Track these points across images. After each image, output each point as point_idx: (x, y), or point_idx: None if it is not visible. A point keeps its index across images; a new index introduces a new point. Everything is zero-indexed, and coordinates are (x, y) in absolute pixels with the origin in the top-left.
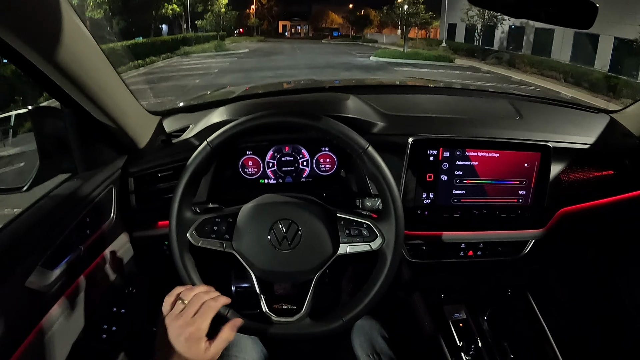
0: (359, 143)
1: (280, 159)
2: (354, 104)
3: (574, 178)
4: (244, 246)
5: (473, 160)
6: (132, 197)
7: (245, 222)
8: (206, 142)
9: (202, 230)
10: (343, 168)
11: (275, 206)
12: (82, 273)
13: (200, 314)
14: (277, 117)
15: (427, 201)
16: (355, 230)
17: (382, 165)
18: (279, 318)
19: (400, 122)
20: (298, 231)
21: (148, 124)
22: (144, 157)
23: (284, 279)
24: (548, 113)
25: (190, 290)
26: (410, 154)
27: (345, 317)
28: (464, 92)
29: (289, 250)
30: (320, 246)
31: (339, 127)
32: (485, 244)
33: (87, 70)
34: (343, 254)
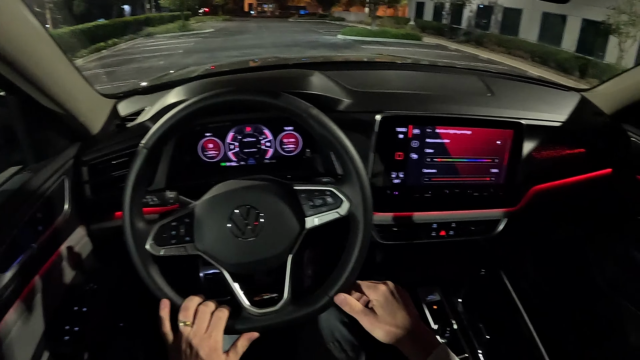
0: (300, 107)
1: (242, 140)
2: (319, 80)
3: (546, 156)
4: (207, 244)
5: (444, 137)
6: (87, 187)
7: (203, 219)
8: (141, 145)
9: (161, 238)
10: (308, 148)
11: (229, 195)
12: (37, 273)
13: (213, 326)
14: (213, 100)
15: (396, 181)
16: (319, 199)
17: (330, 124)
18: (262, 310)
19: (368, 98)
20: (259, 215)
21: (101, 109)
22: (98, 144)
23: (257, 268)
24: (519, 90)
25: (187, 310)
26: (378, 132)
27: (330, 292)
28: (433, 68)
29: (254, 237)
30: (285, 225)
31: (279, 96)
32: (457, 224)
33: (29, 53)
34: (312, 227)
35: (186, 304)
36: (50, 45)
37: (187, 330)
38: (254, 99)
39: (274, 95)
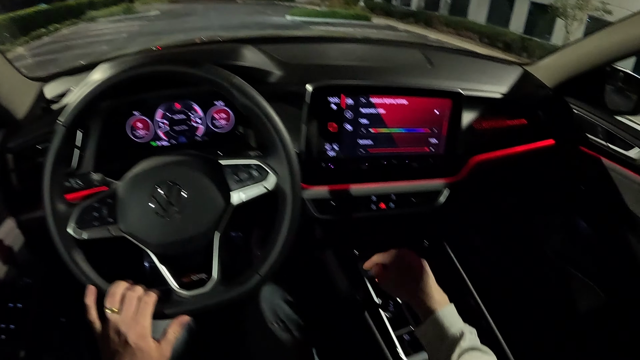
0: (221, 76)
1: (172, 118)
2: (250, 54)
3: (486, 126)
4: (131, 225)
5: (379, 107)
6: (13, 175)
7: (126, 198)
8: (59, 122)
9: (83, 220)
10: (241, 124)
11: (150, 172)
12: None
13: (140, 311)
14: (130, 72)
15: (331, 153)
16: (244, 173)
17: (253, 94)
18: (191, 292)
19: (300, 70)
20: (180, 191)
21: (26, 92)
22: (22, 129)
23: (184, 247)
24: (460, 63)
25: (113, 296)
26: (310, 103)
27: (260, 270)
28: (373, 41)
29: (178, 215)
30: (209, 201)
31: (200, 67)
32: (397, 196)
33: None
34: (239, 203)
35: (112, 290)
36: None
37: (114, 317)
38: (173, 69)
39: (194, 65)
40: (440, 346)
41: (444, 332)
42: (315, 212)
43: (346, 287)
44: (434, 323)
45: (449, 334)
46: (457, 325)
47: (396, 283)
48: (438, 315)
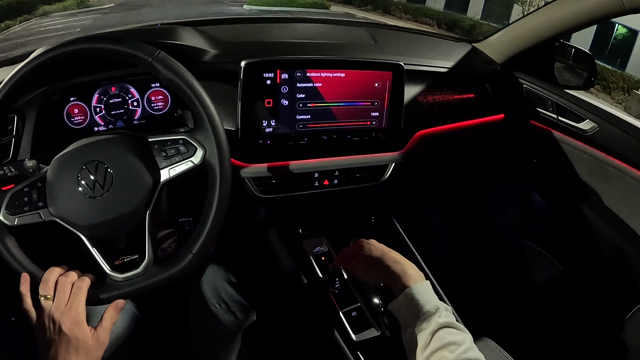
0: (145, 50)
1: (108, 102)
2: (186, 33)
3: (432, 100)
4: (60, 208)
5: (316, 81)
6: None
7: (54, 181)
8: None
9: (14, 206)
10: (178, 106)
11: (77, 152)
12: None
13: (73, 297)
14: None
15: (268, 130)
16: (172, 149)
17: (177, 67)
18: (124, 274)
19: (235, 48)
20: (107, 170)
21: None
22: None
23: (114, 228)
24: (406, 39)
25: (47, 282)
26: (243, 80)
27: (193, 249)
28: (318, 20)
29: (105, 194)
30: (137, 179)
31: (122, 42)
32: (341, 171)
33: None
34: (166, 179)
35: (46, 277)
36: None
37: (48, 305)
38: (94, 46)
39: (116, 41)
40: (414, 321)
41: (418, 308)
42: (256, 191)
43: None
44: (408, 298)
45: (424, 309)
46: (433, 301)
47: (368, 269)
48: (412, 291)
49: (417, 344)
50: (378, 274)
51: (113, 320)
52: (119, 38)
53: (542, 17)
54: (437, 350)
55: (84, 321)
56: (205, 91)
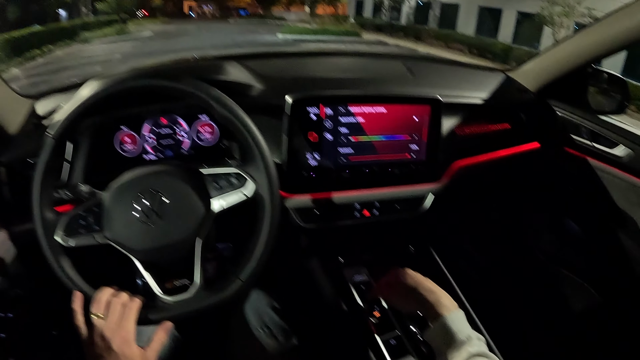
0: (201, 89)
1: (158, 132)
2: (232, 69)
3: (468, 132)
4: (116, 233)
5: (358, 116)
6: (5, 188)
7: (111, 207)
8: (47, 134)
9: (71, 228)
10: (225, 137)
11: (134, 181)
12: None
13: (124, 317)
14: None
15: (313, 162)
16: (224, 181)
17: (231, 105)
18: (174, 297)
19: (281, 83)
20: (162, 199)
21: (18, 109)
22: (14, 144)
23: (167, 253)
24: (441, 71)
25: (99, 301)
26: (290, 115)
27: (241, 275)
28: (356, 54)
29: (160, 222)
30: (190, 208)
31: (180, 80)
32: (381, 203)
33: None
34: (220, 210)
35: (98, 296)
36: None
37: (100, 323)
38: (155, 83)
39: (174, 79)
40: (447, 350)
41: (451, 337)
42: (299, 221)
43: (331, 293)
44: (442, 327)
45: (456, 338)
46: (465, 330)
47: (404, 297)
48: (446, 320)
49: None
50: (413, 303)
51: (162, 341)
52: (176, 76)
53: (574, 44)
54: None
55: (133, 340)
56: (256, 127)
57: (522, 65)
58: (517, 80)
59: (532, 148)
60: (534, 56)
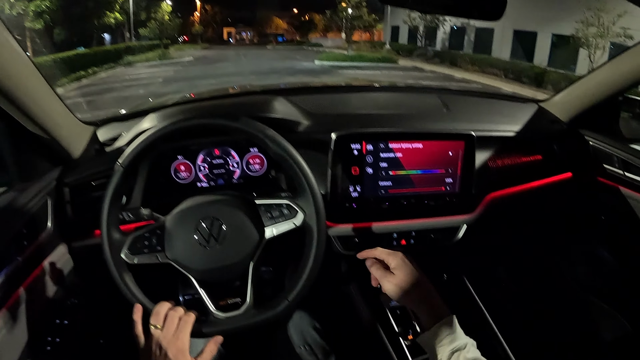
0: (257, 128)
1: (211, 162)
2: (280, 106)
3: (501, 164)
4: (176, 253)
5: (397, 152)
6: (68, 207)
7: (173, 230)
8: (117, 163)
9: (135, 247)
10: (273, 168)
11: (195, 208)
12: (21, 285)
13: (180, 329)
14: (180, 124)
15: (354, 194)
16: (276, 211)
17: (284, 143)
18: (226, 314)
19: (325, 120)
20: (221, 226)
21: (82, 134)
22: (78, 167)
23: (222, 274)
24: (475, 105)
25: (158, 314)
26: (334, 150)
27: (289, 297)
28: (394, 89)
29: (218, 246)
30: (246, 235)
31: (240, 120)
32: (417, 232)
33: (17, 81)
34: (271, 236)
35: (157, 309)
36: (35, 74)
37: (157, 333)
38: (216, 122)
39: (234, 119)
40: (443, 355)
41: (447, 341)
42: (341, 248)
43: (368, 316)
44: (438, 332)
45: (453, 343)
46: (461, 335)
47: (400, 288)
48: (443, 325)
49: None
50: (410, 300)
51: (213, 353)
52: (234, 115)
53: (604, 73)
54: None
55: (187, 351)
56: (306, 164)
57: (554, 95)
58: (549, 111)
59: (564, 178)
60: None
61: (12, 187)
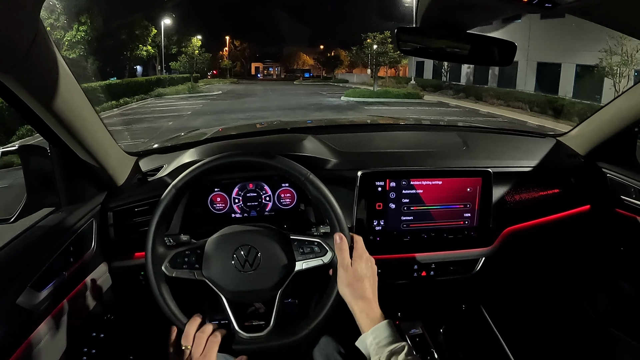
0: (300, 171)
1: (245, 195)
2: (310, 144)
3: (519, 199)
4: (212, 273)
5: (418, 188)
6: (111, 229)
7: (212, 252)
8: (171, 185)
9: (175, 262)
10: (302, 202)
11: (235, 235)
12: (65, 297)
13: (208, 349)
14: (226, 159)
15: (378, 228)
16: (308, 248)
17: (323, 188)
18: (250, 334)
19: (352, 158)
20: (257, 254)
21: (126, 164)
22: (122, 193)
23: (251, 297)
24: (494, 141)
25: (187, 335)
26: (360, 186)
27: (310, 326)
28: (416, 127)
29: (251, 271)
30: (278, 265)
31: (284, 161)
32: (437, 264)
33: (75, 115)
34: (300, 270)
35: (187, 330)
36: (89, 107)
37: (187, 353)
38: (256, 160)
39: (277, 159)
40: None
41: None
42: None
43: None
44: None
45: (391, 345)
46: (398, 339)
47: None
48: (382, 326)
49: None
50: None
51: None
52: (280, 158)
53: (620, 105)
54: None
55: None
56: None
57: (572, 129)
58: (567, 145)
59: (582, 210)
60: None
61: (61, 209)
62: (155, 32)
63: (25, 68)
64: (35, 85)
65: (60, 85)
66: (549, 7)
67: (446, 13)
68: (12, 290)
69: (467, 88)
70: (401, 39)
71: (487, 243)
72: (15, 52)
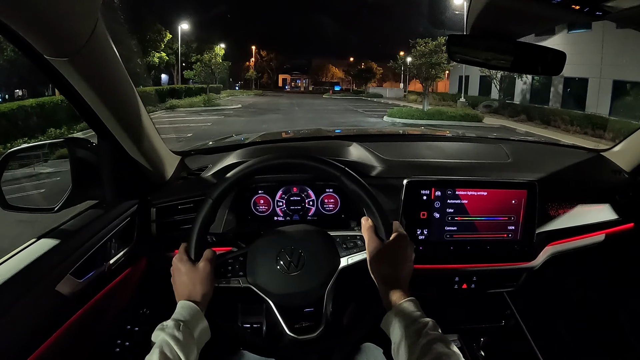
0: (335, 167)
1: (289, 199)
2: (356, 151)
3: (562, 213)
4: (258, 278)
5: (463, 199)
6: (153, 225)
7: (255, 258)
8: (208, 196)
9: (219, 272)
10: (346, 209)
11: (277, 238)
12: (104, 288)
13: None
14: (268, 162)
15: (421, 237)
16: (351, 243)
17: (360, 181)
18: (302, 336)
19: (397, 166)
20: (301, 255)
21: (171, 162)
22: (166, 190)
23: (299, 298)
24: (538, 154)
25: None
26: (405, 194)
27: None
28: (462, 139)
29: (297, 272)
30: (323, 263)
31: (318, 159)
32: (478, 277)
33: (126, 109)
34: (345, 266)
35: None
36: (140, 105)
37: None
38: (299, 162)
39: (314, 159)
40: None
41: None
42: None
43: None
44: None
45: (418, 321)
46: (424, 316)
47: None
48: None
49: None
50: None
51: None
52: (315, 157)
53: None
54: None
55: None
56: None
57: (616, 145)
58: (611, 161)
59: (626, 228)
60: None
61: (104, 202)
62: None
63: (83, 58)
64: (91, 76)
65: (114, 79)
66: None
67: (497, 21)
68: (52, 277)
69: (527, 108)
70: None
71: (530, 257)
72: (76, 42)
